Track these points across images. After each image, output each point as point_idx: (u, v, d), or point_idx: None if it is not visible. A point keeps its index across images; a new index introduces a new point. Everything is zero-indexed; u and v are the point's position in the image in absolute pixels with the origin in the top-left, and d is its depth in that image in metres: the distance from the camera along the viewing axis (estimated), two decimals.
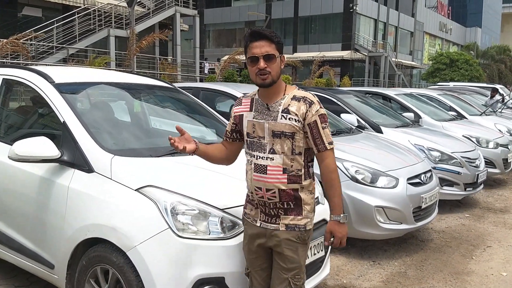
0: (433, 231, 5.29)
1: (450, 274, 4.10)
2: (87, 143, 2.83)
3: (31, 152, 2.74)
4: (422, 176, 4.71)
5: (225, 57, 17.33)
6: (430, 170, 4.96)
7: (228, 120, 4.03)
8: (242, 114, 2.43)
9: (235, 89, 5.37)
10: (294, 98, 2.32)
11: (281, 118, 2.29)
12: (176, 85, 5.55)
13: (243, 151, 2.54)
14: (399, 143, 5.56)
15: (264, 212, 2.38)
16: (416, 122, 7.83)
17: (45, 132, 3.16)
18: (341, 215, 2.34)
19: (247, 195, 2.48)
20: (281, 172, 2.30)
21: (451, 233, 5.26)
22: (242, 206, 2.60)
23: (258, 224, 2.40)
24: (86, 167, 2.77)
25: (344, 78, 25.75)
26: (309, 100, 2.31)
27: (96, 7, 19.08)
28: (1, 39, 13.30)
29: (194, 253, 2.44)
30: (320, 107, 2.33)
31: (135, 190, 2.59)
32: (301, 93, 2.36)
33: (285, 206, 2.34)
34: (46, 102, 3.12)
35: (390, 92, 9.20)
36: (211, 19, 40.84)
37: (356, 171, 4.41)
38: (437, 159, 6.03)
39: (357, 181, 4.36)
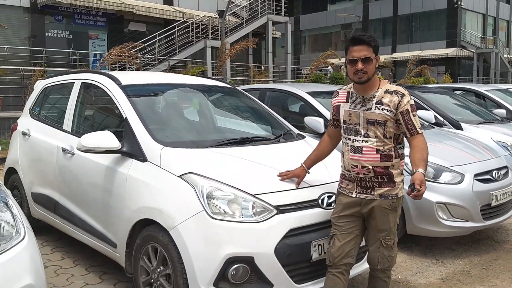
0: None
1: None
2: (143, 136, 3.20)
3: (96, 144, 3.17)
4: (494, 172, 4.42)
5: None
6: (506, 167, 4.63)
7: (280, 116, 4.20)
8: (339, 105, 2.84)
9: (299, 89, 5.50)
10: (387, 91, 2.70)
11: (375, 109, 2.67)
12: (244, 87, 5.87)
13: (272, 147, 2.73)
14: (474, 139, 5.25)
15: (360, 186, 2.75)
16: (508, 119, 7.28)
17: (111, 127, 3.60)
18: (420, 169, 2.58)
19: (342, 174, 2.85)
20: (375, 152, 2.69)
21: None
22: (274, 193, 2.82)
23: (353, 195, 2.77)
24: (141, 157, 3.13)
25: (445, 77, 24.25)
26: (401, 93, 2.69)
27: (194, 20, 20.29)
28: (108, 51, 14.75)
29: (226, 234, 2.66)
30: (410, 98, 2.70)
31: (178, 176, 2.88)
32: (393, 87, 2.74)
33: (379, 180, 2.71)
34: (113, 101, 3.56)
35: (481, 88, 8.66)
36: (307, 24, 40.95)
37: None
38: None
39: None
